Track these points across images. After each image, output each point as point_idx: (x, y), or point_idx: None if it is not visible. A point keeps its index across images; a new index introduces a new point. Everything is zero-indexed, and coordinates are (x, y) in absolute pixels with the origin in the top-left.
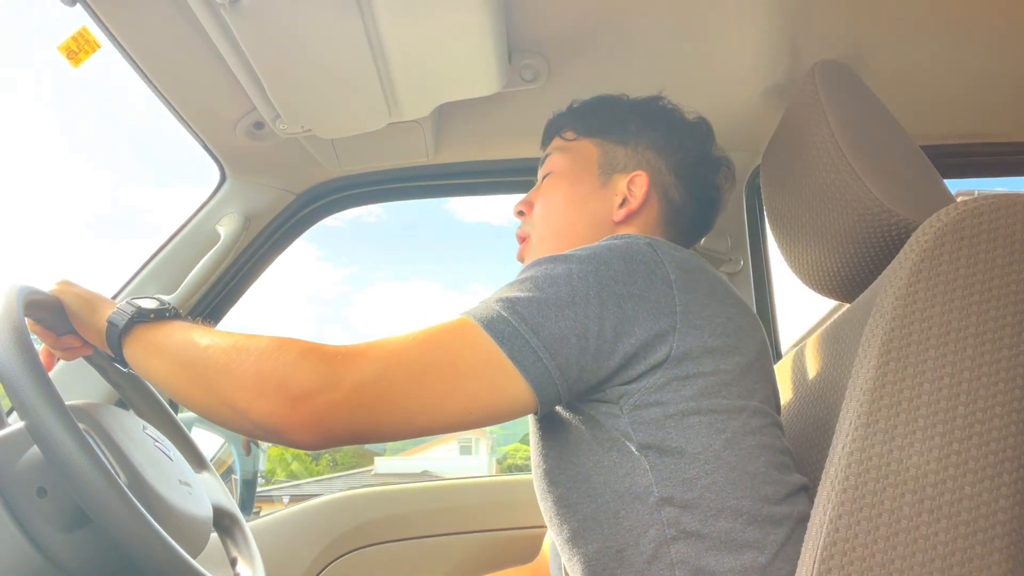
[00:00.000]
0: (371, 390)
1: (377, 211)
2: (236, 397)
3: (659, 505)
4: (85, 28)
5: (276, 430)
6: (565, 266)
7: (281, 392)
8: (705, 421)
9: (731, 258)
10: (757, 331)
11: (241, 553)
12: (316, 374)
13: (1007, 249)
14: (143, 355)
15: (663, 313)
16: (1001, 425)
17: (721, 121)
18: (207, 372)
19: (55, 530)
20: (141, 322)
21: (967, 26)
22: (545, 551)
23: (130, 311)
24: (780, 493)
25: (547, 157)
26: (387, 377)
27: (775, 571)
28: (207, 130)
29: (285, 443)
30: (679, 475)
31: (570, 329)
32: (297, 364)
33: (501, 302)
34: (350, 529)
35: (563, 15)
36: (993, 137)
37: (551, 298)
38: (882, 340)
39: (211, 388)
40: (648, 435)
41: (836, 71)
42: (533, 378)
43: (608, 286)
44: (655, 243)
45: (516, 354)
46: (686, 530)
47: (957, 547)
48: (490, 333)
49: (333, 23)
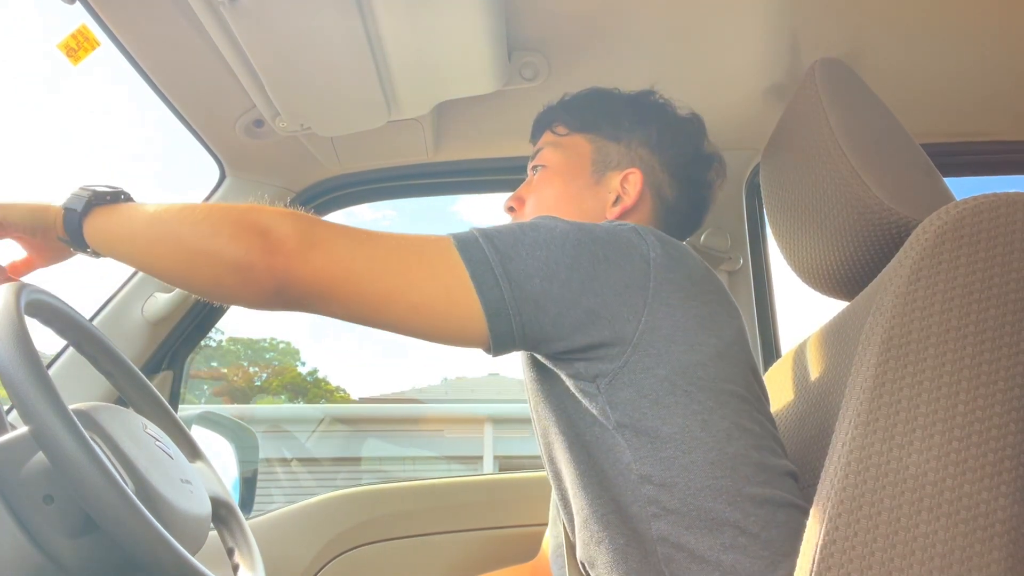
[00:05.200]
0: (338, 259)
1: (391, 213)
2: (212, 242)
3: (639, 482)
4: (84, 26)
5: (246, 270)
6: (553, 221)
7: (261, 236)
8: (681, 402)
9: (731, 256)
10: (735, 320)
11: (237, 543)
12: (296, 228)
13: (1007, 248)
14: (107, 232)
15: (635, 286)
16: (1001, 424)
17: (721, 119)
18: (180, 226)
19: (62, 536)
20: (99, 204)
21: (967, 24)
22: (545, 549)
23: (85, 195)
24: (761, 475)
25: (538, 152)
26: (356, 252)
27: (756, 551)
28: (206, 128)
29: (247, 288)
30: (656, 454)
31: (536, 269)
32: (281, 216)
33: (481, 230)
34: (350, 527)
35: (562, 14)
36: (993, 135)
37: (528, 239)
38: (882, 338)
39: (183, 239)
40: (624, 415)
41: (836, 69)
42: (488, 303)
43: (586, 244)
44: (641, 228)
45: (478, 275)
46: (666, 507)
47: (956, 546)
48: (460, 252)
49: (332, 21)
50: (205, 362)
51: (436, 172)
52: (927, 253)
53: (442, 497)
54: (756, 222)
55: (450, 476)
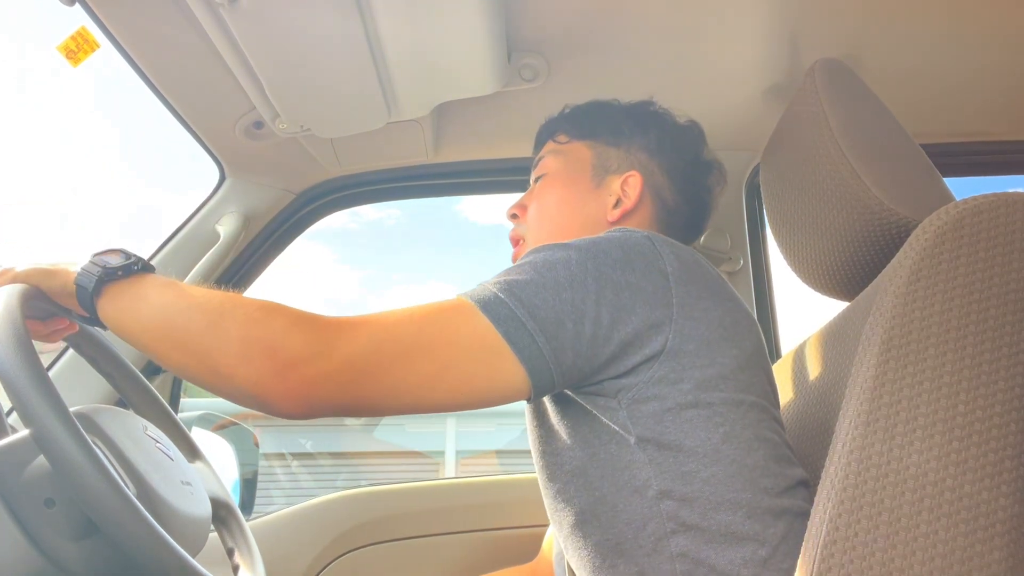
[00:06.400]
0: (362, 363)
1: (397, 214)
2: (221, 362)
3: (658, 498)
4: (84, 28)
5: (261, 398)
6: (564, 252)
7: (269, 359)
8: (703, 415)
9: (731, 257)
10: (753, 327)
11: (237, 543)
12: (307, 343)
13: (1007, 248)
14: (119, 316)
15: (659, 304)
16: (1001, 423)
17: (721, 120)
18: (189, 335)
19: (64, 539)
20: (110, 281)
21: (967, 24)
22: (545, 550)
23: (96, 271)
24: (779, 486)
25: (540, 160)
26: (379, 351)
27: (776, 564)
28: (206, 129)
29: (269, 411)
30: (678, 468)
31: (566, 313)
32: (287, 331)
33: (499, 284)
34: (350, 528)
35: (562, 15)
36: (993, 135)
37: (549, 282)
38: (882, 339)
39: (193, 351)
40: (646, 429)
41: (836, 70)
42: (528, 361)
43: (606, 273)
44: (653, 236)
45: (512, 335)
46: (685, 523)
47: (957, 545)
48: (486, 313)
49: (332, 22)
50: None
51: (436, 173)
52: (927, 253)
53: (442, 498)
54: (756, 223)
55: (452, 478)
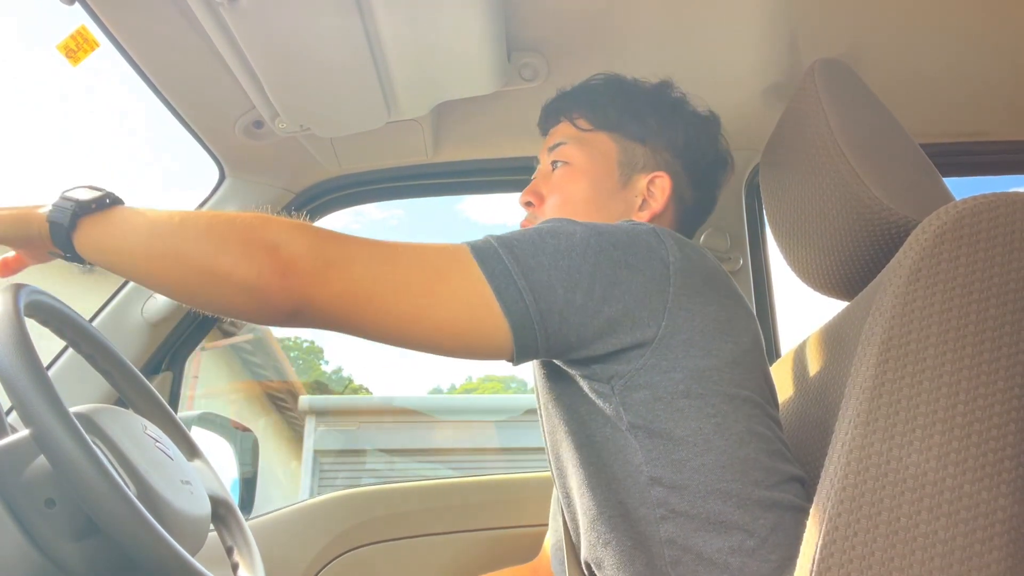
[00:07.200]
0: (358, 279)
1: (400, 214)
2: (219, 261)
3: (649, 484)
4: (84, 27)
5: (259, 291)
6: (572, 226)
7: (272, 255)
8: (695, 405)
9: (730, 257)
10: (751, 324)
11: (236, 541)
12: (310, 246)
13: (1007, 248)
14: (101, 245)
15: (656, 290)
16: (1000, 423)
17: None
18: (183, 243)
19: (64, 539)
20: (84, 214)
21: (966, 24)
22: (546, 549)
23: (69, 205)
24: (771, 479)
25: (559, 145)
26: (375, 272)
27: (763, 554)
28: (206, 129)
29: (261, 310)
30: (668, 456)
31: (559, 280)
32: (292, 233)
33: (499, 240)
34: (350, 528)
35: (562, 14)
36: (993, 135)
37: (549, 247)
38: (881, 338)
39: (187, 257)
40: (638, 416)
41: (835, 70)
42: (513, 317)
43: (607, 250)
44: (659, 229)
45: (501, 289)
46: (675, 510)
47: (956, 545)
48: (480, 265)
49: (332, 21)
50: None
51: (436, 173)
52: (927, 253)
53: (443, 497)
54: (756, 222)
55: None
